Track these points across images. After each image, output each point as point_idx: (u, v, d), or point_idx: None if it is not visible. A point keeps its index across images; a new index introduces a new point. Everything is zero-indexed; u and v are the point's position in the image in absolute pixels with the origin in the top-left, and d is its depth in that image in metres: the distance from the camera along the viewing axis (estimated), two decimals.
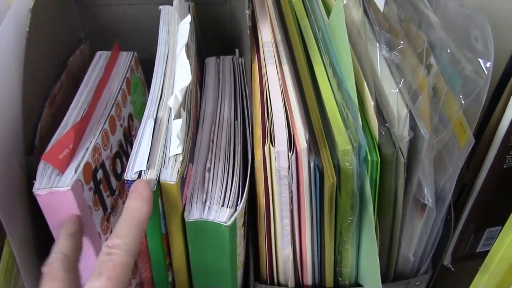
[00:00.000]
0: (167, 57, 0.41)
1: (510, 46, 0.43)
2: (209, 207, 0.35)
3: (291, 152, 0.34)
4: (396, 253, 0.43)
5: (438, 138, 0.37)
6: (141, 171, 0.34)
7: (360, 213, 0.38)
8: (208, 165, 0.38)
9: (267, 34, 0.42)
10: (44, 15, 0.43)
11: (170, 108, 0.36)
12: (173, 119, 0.35)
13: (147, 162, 0.34)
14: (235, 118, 0.41)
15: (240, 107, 0.43)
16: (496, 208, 0.48)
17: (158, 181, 0.33)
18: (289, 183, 0.35)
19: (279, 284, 0.42)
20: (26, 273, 0.38)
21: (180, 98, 0.35)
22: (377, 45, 0.37)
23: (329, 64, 0.40)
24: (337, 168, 0.35)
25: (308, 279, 0.42)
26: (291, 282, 0.42)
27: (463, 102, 0.35)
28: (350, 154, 0.34)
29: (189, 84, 0.36)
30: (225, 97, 0.43)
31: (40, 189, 0.34)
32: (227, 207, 0.35)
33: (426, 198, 0.39)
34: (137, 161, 0.34)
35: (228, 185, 0.36)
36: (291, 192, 0.36)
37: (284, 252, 0.40)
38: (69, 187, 0.34)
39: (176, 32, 0.42)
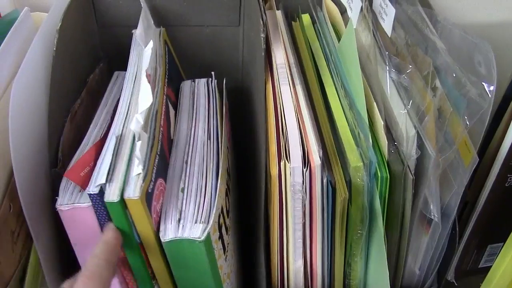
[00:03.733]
0: (135, 78, 0.44)
1: (510, 70, 0.45)
2: (183, 225, 0.37)
3: (306, 168, 0.36)
4: (402, 266, 0.44)
5: (443, 156, 0.39)
6: (101, 184, 0.35)
7: (370, 227, 0.40)
8: (182, 185, 0.40)
9: (280, 56, 0.45)
10: (69, 35, 0.46)
11: None
12: (136, 141, 0.36)
13: (110, 177, 0.36)
14: (208, 137, 0.43)
15: (214, 127, 0.44)
16: (498, 225, 0.50)
17: (122, 197, 0.35)
18: (302, 197, 0.37)
19: None
20: (52, 282, 0.40)
21: (141, 121, 0.36)
22: (387, 68, 0.39)
23: (340, 85, 0.42)
24: (349, 184, 0.37)
25: None
26: None
27: (467, 123, 0.37)
28: (361, 171, 0.36)
29: (151, 106, 0.38)
30: (199, 119, 0.45)
31: (63, 205, 0.36)
32: (200, 223, 0.37)
33: (432, 214, 0.41)
34: (99, 176, 0.36)
35: (200, 202, 0.38)
36: (304, 206, 0.38)
37: (296, 264, 0.42)
38: (90, 203, 0.36)
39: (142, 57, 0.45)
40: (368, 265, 0.43)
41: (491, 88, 0.35)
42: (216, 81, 0.49)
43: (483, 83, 0.36)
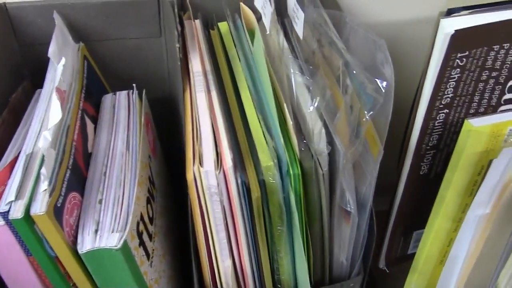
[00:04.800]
0: (50, 95, 0.44)
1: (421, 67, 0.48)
2: (100, 236, 0.38)
3: (218, 171, 0.37)
4: (329, 258, 0.46)
5: (353, 148, 0.41)
6: (11, 201, 0.36)
7: (289, 223, 0.41)
8: (100, 197, 0.41)
9: (197, 64, 0.46)
10: None
11: None
12: (44, 158, 0.37)
13: (17, 194, 0.36)
14: (127, 148, 0.44)
15: (133, 137, 0.45)
16: (420, 212, 0.52)
17: (29, 213, 0.36)
18: (220, 199, 0.39)
19: None
20: None
21: (49, 138, 0.37)
22: (292, 70, 0.41)
23: (254, 88, 0.44)
24: (263, 183, 0.39)
25: (250, 287, 0.45)
26: None
27: (367, 117, 0.39)
28: (273, 169, 0.38)
29: (61, 122, 0.39)
30: (119, 130, 0.46)
31: None
32: (116, 231, 0.38)
33: (348, 206, 0.43)
34: (9, 194, 0.37)
35: (117, 212, 0.39)
36: (223, 207, 0.39)
37: (224, 264, 0.43)
38: (4, 223, 0.36)
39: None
40: (295, 259, 0.44)
41: (384, 84, 0.37)
42: (137, 92, 0.50)
43: (376, 79, 0.38)
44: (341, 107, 0.43)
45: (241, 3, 0.53)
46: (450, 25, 0.40)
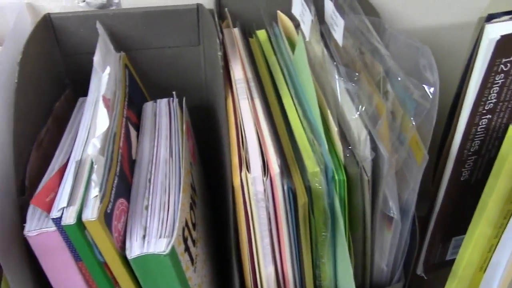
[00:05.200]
0: (95, 103, 0.45)
1: (459, 72, 0.48)
2: (148, 241, 0.38)
3: (266, 177, 0.38)
4: (370, 264, 0.46)
5: (396, 156, 0.41)
6: (63, 208, 0.37)
7: (333, 229, 0.41)
8: (146, 203, 0.41)
9: (239, 72, 0.47)
10: (31, 66, 0.47)
11: None
12: (94, 165, 0.38)
13: (69, 200, 0.37)
14: (170, 155, 0.45)
15: (176, 144, 0.46)
16: (459, 218, 0.52)
17: (81, 219, 0.36)
18: (266, 205, 0.39)
19: None
20: None
21: (98, 145, 0.38)
22: (336, 77, 0.41)
23: (296, 95, 0.44)
24: (309, 189, 0.39)
25: None
26: None
27: (413, 123, 0.39)
28: (319, 176, 0.38)
29: (108, 130, 0.40)
30: (161, 137, 0.47)
31: (30, 231, 0.38)
32: (164, 237, 0.38)
33: (391, 212, 0.43)
34: (61, 200, 0.38)
35: (164, 217, 0.40)
36: (268, 213, 0.40)
37: (267, 270, 0.44)
38: (55, 228, 0.37)
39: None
40: (336, 265, 0.44)
41: (431, 90, 0.38)
42: (177, 100, 0.51)
43: (423, 85, 0.38)
44: (383, 113, 0.43)
45: (279, 11, 0.53)
46: (494, 31, 0.40)
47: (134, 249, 0.38)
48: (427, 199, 0.52)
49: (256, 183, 0.38)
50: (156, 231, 0.39)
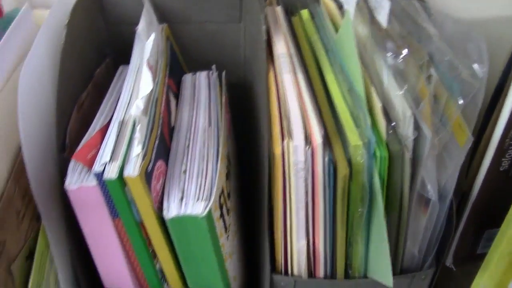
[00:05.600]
0: (138, 69, 0.46)
1: (503, 59, 0.47)
2: (185, 203, 0.39)
3: (308, 147, 0.38)
4: (402, 248, 0.46)
5: (439, 137, 0.41)
6: (105, 162, 0.37)
7: (370, 206, 0.41)
8: (184, 168, 0.42)
9: (281, 46, 0.47)
10: (77, 31, 0.48)
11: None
12: (136, 124, 0.39)
13: (111, 156, 0.38)
14: (209, 124, 0.45)
15: (214, 114, 0.47)
16: (494, 210, 0.51)
17: (122, 175, 0.37)
18: (305, 176, 0.39)
19: (292, 275, 0.45)
20: (60, 262, 0.41)
21: (142, 106, 0.39)
22: (383, 53, 0.41)
23: (339, 71, 0.44)
24: (349, 163, 0.39)
25: (320, 270, 0.45)
26: (304, 273, 0.45)
27: (460, 102, 0.39)
28: (361, 149, 0.38)
29: (151, 93, 0.41)
30: (200, 107, 0.48)
31: (71, 184, 0.38)
32: (201, 200, 0.39)
33: (430, 193, 0.42)
34: (104, 155, 0.38)
35: (202, 182, 0.40)
36: (306, 185, 0.40)
37: (299, 244, 0.43)
38: (96, 184, 0.38)
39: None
40: (369, 245, 0.44)
41: (484, 69, 0.37)
42: (216, 73, 0.51)
43: (474, 64, 0.38)
44: (426, 96, 0.42)
45: None
46: None
47: (172, 210, 0.39)
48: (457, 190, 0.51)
49: (297, 152, 0.38)
50: (194, 194, 0.39)
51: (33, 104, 0.41)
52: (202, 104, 0.48)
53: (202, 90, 0.50)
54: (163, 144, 0.43)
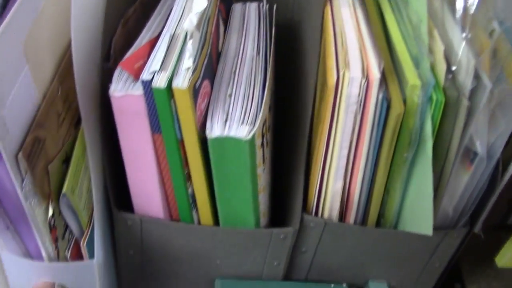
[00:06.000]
0: None
1: None
2: (229, 126, 0.38)
3: (364, 80, 0.36)
4: (438, 204, 0.44)
5: (497, 90, 0.39)
6: (155, 71, 0.36)
7: (416, 152, 0.40)
8: (229, 91, 0.40)
9: None
10: None
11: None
12: (188, 39, 0.37)
13: (161, 66, 0.37)
14: (257, 53, 0.44)
15: (263, 45, 0.45)
16: None
17: (170, 86, 0.36)
18: (356, 110, 0.37)
19: (322, 217, 0.44)
20: (95, 166, 0.40)
21: (195, 22, 0.37)
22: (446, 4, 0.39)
23: (399, 10, 0.42)
24: (403, 103, 0.37)
25: (352, 216, 0.44)
26: (335, 217, 0.44)
27: None
28: (419, 90, 0.36)
29: (205, 10, 0.39)
30: (248, 36, 0.46)
31: (116, 91, 0.37)
32: (246, 124, 0.38)
33: (478, 148, 0.41)
34: (153, 64, 0.37)
35: (248, 107, 0.39)
36: (355, 122, 0.38)
37: (335, 185, 0.42)
38: (142, 93, 0.37)
39: None
40: (407, 194, 0.43)
41: None
42: (267, 6, 0.49)
43: None
44: (487, 48, 0.41)
45: None
46: None
47: (215, 130, 0.38)
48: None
49: (353, 84, 0.36)
50: (239, 118, 0.38)
51: (84, 10, 0.40)
52: (251, 34, 0.46)
53: (252, 20, 0.48)
54: (210, 65, 0.41)
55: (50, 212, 0.35)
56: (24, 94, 0.33)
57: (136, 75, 0.38)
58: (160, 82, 0.36)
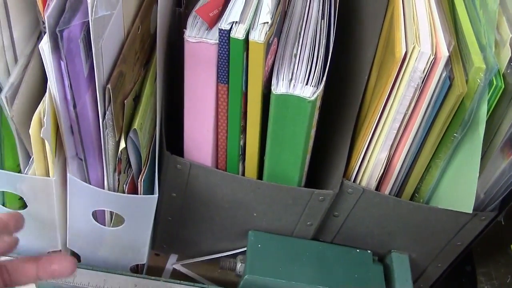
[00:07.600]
0: None
1: None
2: (294, 85, 0.39)
3: (433, 57, 0.37)
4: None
5: None
6: (233, 22, 0.37)
7: (465, 135, 0.41)
8: (294, 52, 0.41)
9: None
10: None
11: None
12: None
13: (240, 18, 0.38)
14: (322, 17, 0.45)
15: (328, 10, 0.46)
16: None
17: (247, 39, 0.37)
18: (417, 85, 0.39)
19: (361, 184, 0.46)
20: (159, 114, 0.42)
21: None
22: None
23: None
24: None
25: (388, 187, 0.46)
26: (373, 186, 0.46)
27: None
28: (483, 73, 0.38)
29: None
30: (313, 2, 0.46)
31: (191, 37, 0.38)
32: (310, 85, 0.39)
33: None
34: (231, 15, 0.38)
35: (312, 69, 0.40)
36: (413, 96, 0.40)
37: (380, 155, 0.44)
38: (217, 42, 0.38)
39: None
40: (446, 173, 0.45)
41: None
42: None
43: None
44: None
45: None
46: None
47: (280, 87, 0.39)
48: None
49: (421, 59, 0.37)
50: (303, 78, 0.39)
51: None
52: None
53: None
54: (280, 23, 0.42)
55: (123, 145, 0.36)
56: (116, 29, 0.34)
57: (211, 23, 0.39)
58: (238, 33, 0.37)
